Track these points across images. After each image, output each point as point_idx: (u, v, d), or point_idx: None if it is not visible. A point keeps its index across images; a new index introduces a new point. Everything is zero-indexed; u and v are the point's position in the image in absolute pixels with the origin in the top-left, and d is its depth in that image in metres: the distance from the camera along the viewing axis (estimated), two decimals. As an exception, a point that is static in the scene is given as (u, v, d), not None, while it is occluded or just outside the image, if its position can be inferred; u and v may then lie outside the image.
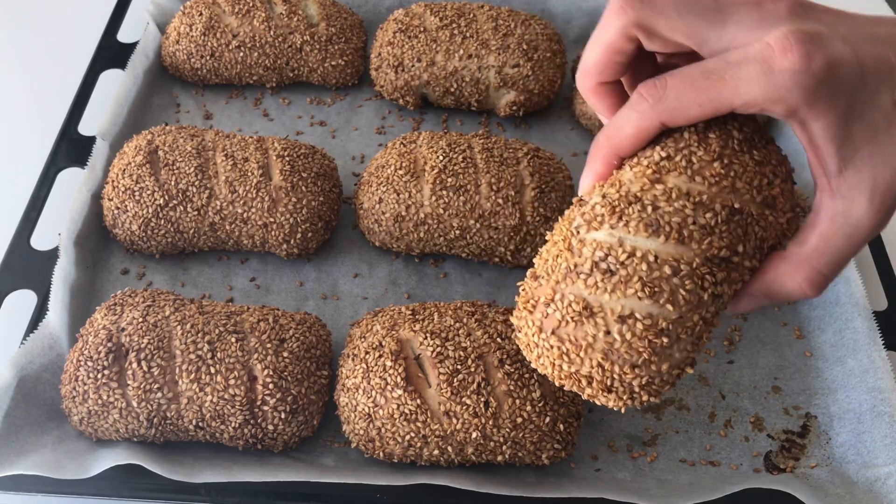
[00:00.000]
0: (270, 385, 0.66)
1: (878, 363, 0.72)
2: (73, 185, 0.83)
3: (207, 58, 0.97)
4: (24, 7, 1.15)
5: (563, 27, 1.09)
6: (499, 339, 0.66)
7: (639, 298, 0.46)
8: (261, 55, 0.97)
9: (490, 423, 0.64)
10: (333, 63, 0.99)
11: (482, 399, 0.64)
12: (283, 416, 0.66)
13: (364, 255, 0.86)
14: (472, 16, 0.96)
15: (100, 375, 0.65)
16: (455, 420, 0.64)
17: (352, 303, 0.82)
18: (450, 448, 0.65)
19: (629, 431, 0.73)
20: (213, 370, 0.65)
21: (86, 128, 0.91)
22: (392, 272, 0.84)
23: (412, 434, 0.64)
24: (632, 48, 0.47)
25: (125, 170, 0.80)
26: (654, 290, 0.46)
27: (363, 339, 0.69)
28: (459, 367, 0.65)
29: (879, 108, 0.43)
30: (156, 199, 0.79)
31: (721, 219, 0.46)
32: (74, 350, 0.67)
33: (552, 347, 0.49)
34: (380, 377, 0.65)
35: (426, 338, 0.67)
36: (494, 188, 0.79)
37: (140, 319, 0.67)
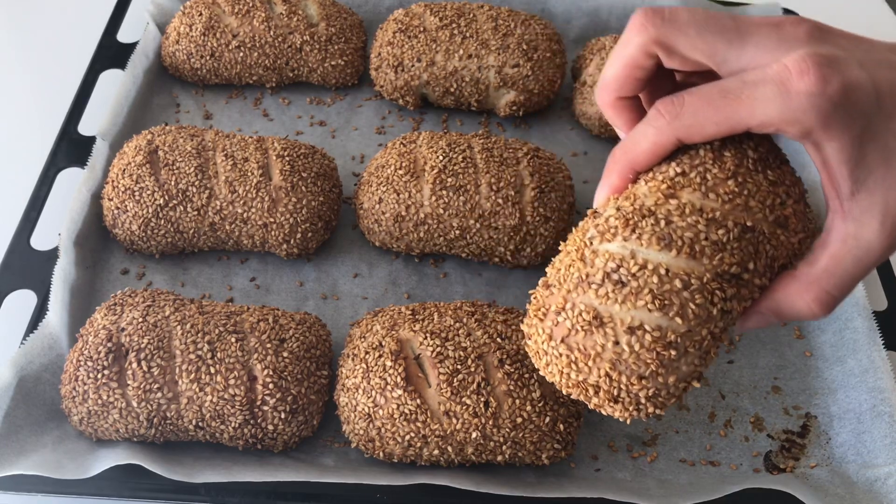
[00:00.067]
0: (270, 385, 0.66)
1: (878, 363, 0.73)
2: (73, 185, 0.83)
3: (207, 58, 0.97)
4: (24, 7, 1.15)
5: (563, 27, 1.09)
6: (499, 339, 0.66)
7: (649, 310, 0.46)
8: (261, 55, 0.97)
9: (490, 423, 0.64)
10: (333, 63, 0.99)
11: (482, 399, 0.64)
12: (283, 416, 0.66)
13: (364, 255, 0.86)
14: (472, 16, 0.96)
15: (100, 375, 0.65)
16: (455, 420, 0.64)
17: (352, 303, 0.82)
18: (450, 448, 0.65)
19: (629, 431, 0.73)
20: (213, 370, 0.65)
21: (86, 128, 0.91)
22: (392, 272, 0.84)
23: (412, 434, 0.64)
24: (651, 64, 0.47)
25: (125, 170, 0.80)
26: (664, 303, 0.46)
27: (363, 339, 0.69)
28: (459, 367, 0.65)
29: (894, 133, 0.43)
30: (156, 199, 0.79)
31: (733, 236, 0.47)
32: (74, 350, 0.67)
33: (561, 356, 0.49)
34: (380, 377, 0.65)
35: (426, 338, 0.67)
36: (494, 188, 0.79)
37: (140, 319, 0.67)
